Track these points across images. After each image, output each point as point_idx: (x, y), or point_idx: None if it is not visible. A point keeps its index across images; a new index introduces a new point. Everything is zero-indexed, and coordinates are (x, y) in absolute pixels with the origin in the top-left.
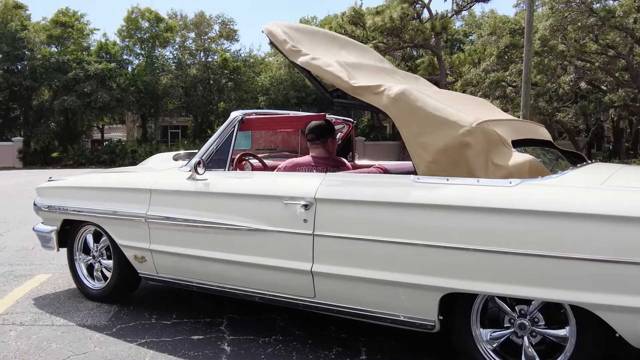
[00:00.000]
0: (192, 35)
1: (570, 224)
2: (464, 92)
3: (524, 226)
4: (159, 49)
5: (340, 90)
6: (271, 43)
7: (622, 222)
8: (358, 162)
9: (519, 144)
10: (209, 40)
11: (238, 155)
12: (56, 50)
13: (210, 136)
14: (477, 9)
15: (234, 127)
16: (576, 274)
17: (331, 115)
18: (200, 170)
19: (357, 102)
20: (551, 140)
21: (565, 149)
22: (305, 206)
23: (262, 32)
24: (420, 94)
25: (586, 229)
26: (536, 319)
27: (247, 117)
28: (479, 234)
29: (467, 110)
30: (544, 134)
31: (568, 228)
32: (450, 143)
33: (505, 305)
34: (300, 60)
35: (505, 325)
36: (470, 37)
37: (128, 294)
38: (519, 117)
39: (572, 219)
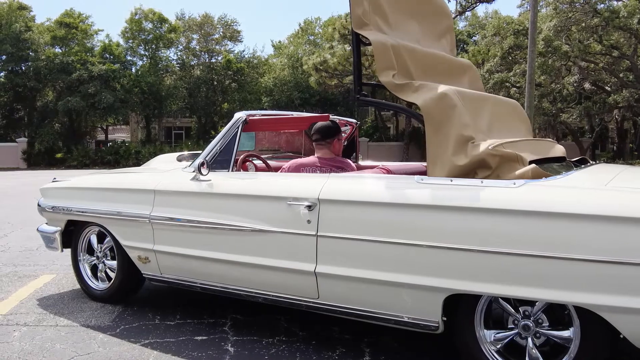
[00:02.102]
0: (196, 36)
1: (574, 224)
2: None
3: (527, 227)
4: (163, 50)
5: (368, 89)
6: None
7: (626, 223)
8: (362, 162)
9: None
10: (213, 41)
11: (242, 156)
12: (60, 51)
13: (213, 137)
14: (481, 9)
15: (238, 128)
16: (580, 275)
17: (334, 117)
18: (204, 171)
19: (383, 104)
20: (565, 156)
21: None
22: (309, 207)
23: None
24: (457, 100)
25: (590, 229)
26: (540, 320)
27: (250, 117)
28: (483, 235)
29: (495, 123)
30: (560, 150)
31: (572, 229)
32: (468, 164)
33: (509, 306)
34: (361, 32)
35: (509, 326)
36: (474, 38)
37: (132, 295)
38: None
39: (575, 219)
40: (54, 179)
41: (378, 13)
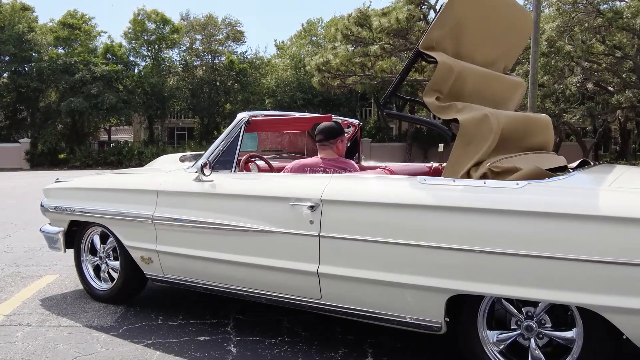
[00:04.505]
0: (199, 37)
1: (577, 225)
2: None
3: (530, 228)
4: (166, 51)
5: (395, 105)
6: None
7: (629, 224)
8: (364, 163)
9: None
10: (216, 42)
11: (244, 157)
12: (63, 52)
13: (216, 138)
14: None
15: (241, 128)
16: (583, 276)
17: (337, 117)
18: (206, 171)
19: (409, 117)
20: (567, 165)
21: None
22: (312, 207)
23: None
24: (496, 126)
25: (593, 230)
26: (543, 321)
27: (253, 118)
28: (486, 235)
29: (517, 142)
30: (561, 161)
31: (574, 229)
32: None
33: (512, 307)
34: (427, 52)
35: (512, 327)
36: None
37: (134, 295)
38: None
39: (578, 220)
40: (57, 179)
41: (455, 37)
